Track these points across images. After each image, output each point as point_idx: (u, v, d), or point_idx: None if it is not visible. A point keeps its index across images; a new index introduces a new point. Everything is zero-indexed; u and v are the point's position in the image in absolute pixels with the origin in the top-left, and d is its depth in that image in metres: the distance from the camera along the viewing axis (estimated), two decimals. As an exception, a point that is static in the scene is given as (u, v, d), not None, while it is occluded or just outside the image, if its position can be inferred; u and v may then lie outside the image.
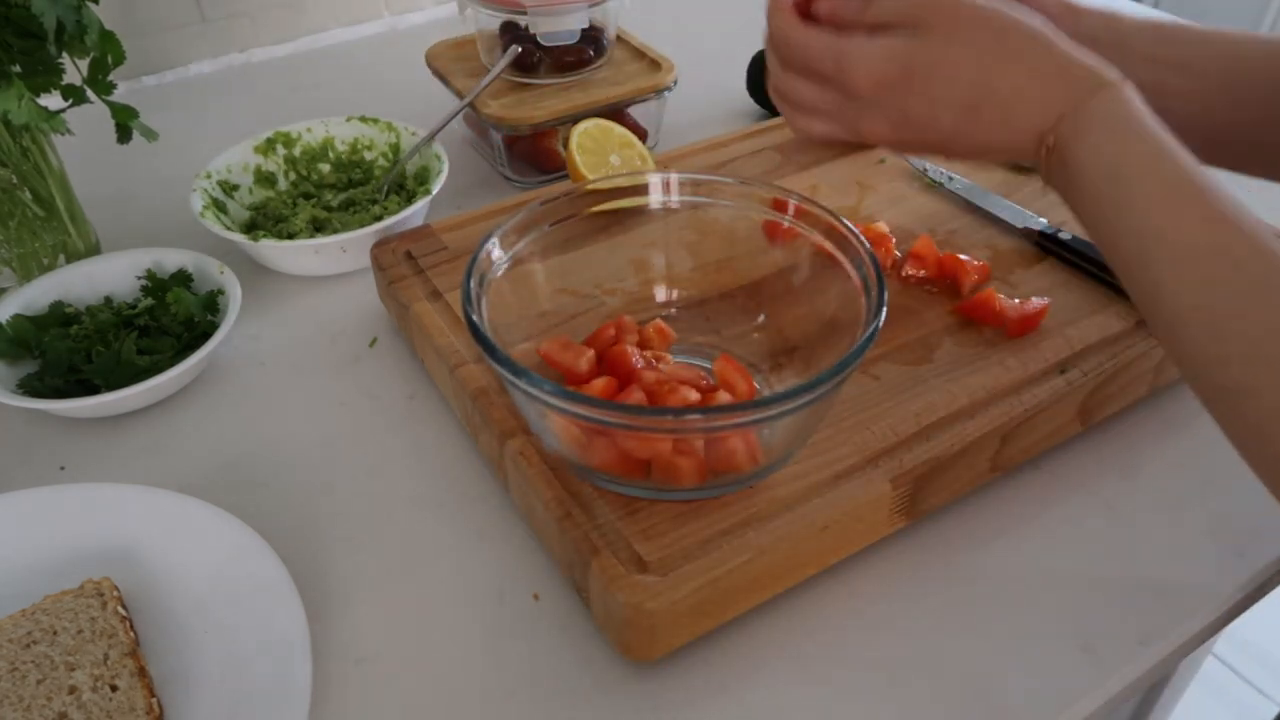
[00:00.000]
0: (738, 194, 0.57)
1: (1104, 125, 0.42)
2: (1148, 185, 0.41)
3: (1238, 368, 0.38)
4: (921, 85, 0.44)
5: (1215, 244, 0.39)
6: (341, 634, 0.49)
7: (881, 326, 0.46)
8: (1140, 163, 0.41)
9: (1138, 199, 0.41)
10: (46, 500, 0.53)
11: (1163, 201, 0.40)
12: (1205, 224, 0.39)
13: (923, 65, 0.44)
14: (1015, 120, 0.44)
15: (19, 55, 0.62)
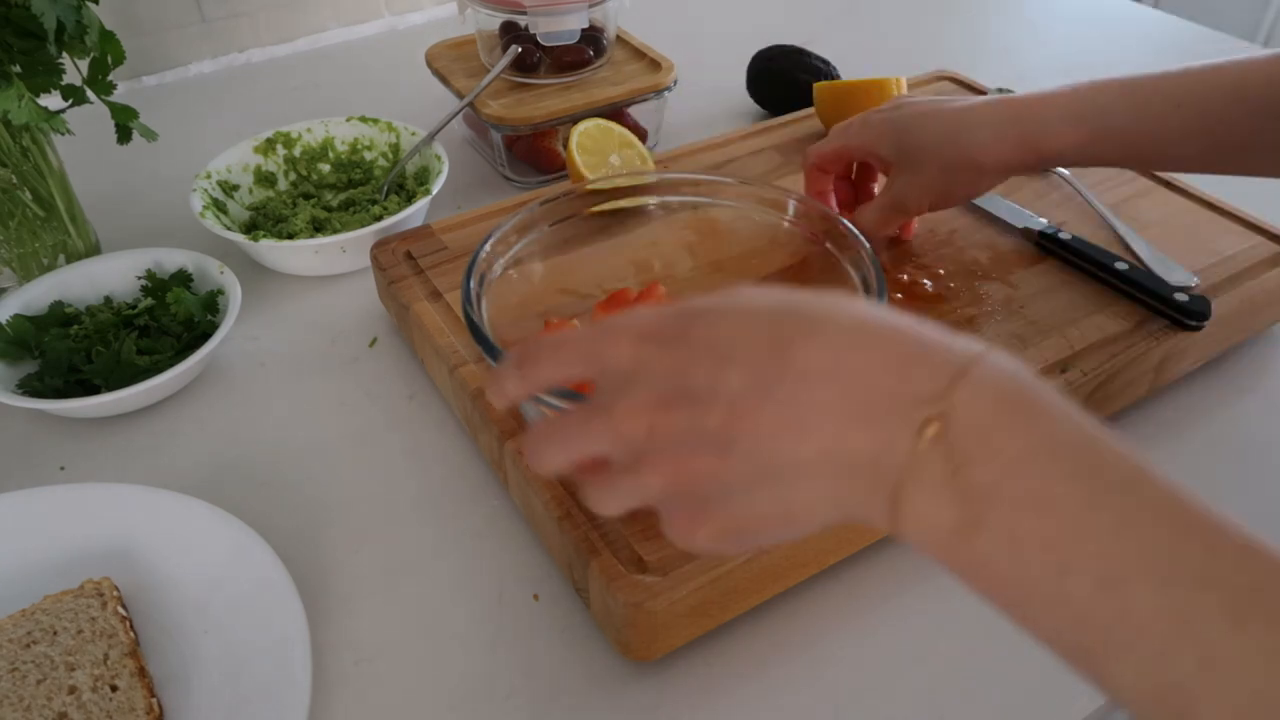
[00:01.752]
0: (739, 194, 0.57)
1: (1001, 407, 0.28)
2: (1147, 496, 0.27)
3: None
4: (705, 328, 0.32)
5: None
6: (341, 634, 0.49)
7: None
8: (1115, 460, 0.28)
9: (1146, 518, 0.27)
10: (46, 500, 0.53)
11: (1184, 521, 0.27)
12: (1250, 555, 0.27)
13: (704, 308, 0.33)
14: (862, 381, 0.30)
15: (19, 55, 0.62)
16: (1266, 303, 0.63)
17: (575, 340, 0.34)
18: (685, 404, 0.31)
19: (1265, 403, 0.63)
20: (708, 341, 0.31)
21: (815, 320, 0.30)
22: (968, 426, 0.27)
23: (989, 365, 0.29)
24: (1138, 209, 0.70)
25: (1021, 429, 0.27)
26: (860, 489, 0.29)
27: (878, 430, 0.29)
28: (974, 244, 0.67)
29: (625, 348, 0.33)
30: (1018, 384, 0.28)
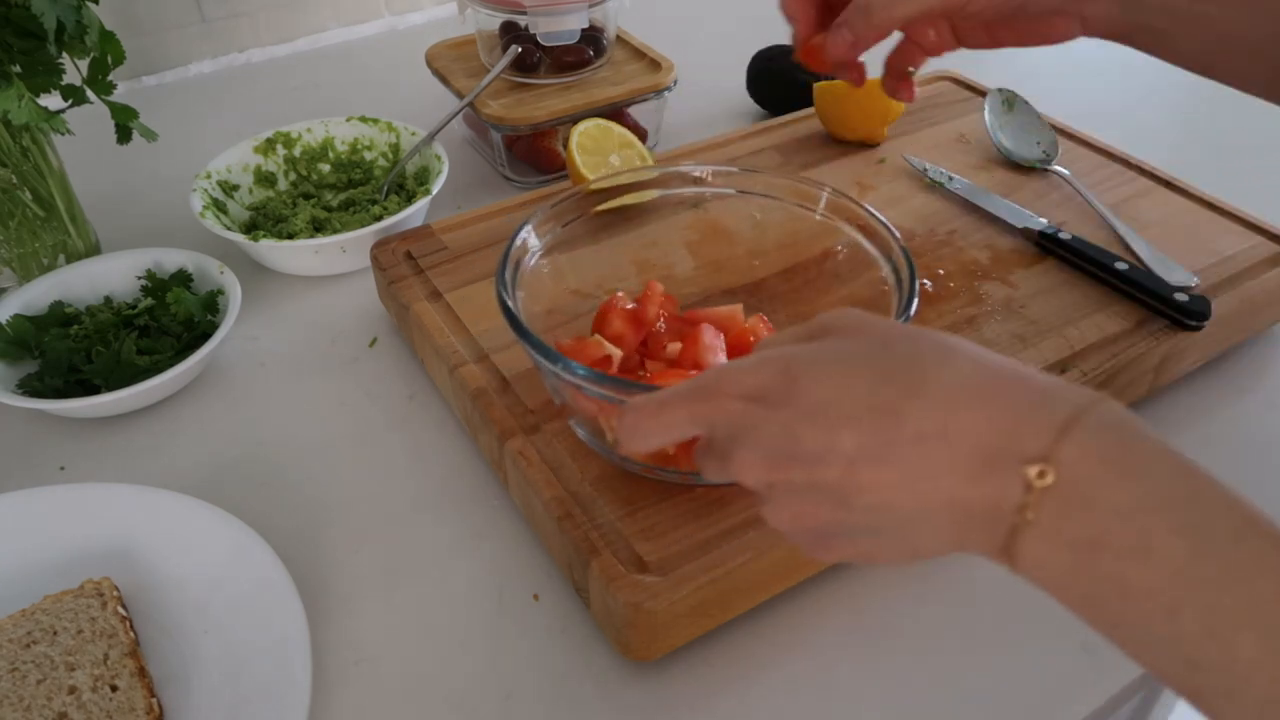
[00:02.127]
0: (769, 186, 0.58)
1: (1106, 460, 0.29)
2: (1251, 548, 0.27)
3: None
4: (809, 387, 0.33)
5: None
6: (341, 634, 0.49)
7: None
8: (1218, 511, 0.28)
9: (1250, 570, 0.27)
10: (46, 500, 0.53)
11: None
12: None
13: (806, 363, 0.33)
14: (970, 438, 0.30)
15: (19, 55, 0.62)
16: (1266, 303, 0.63)
17: (681, 400, 0.35)
18: (801, 464, 0.32)
19: (1265, 403, 0.63)
20: (815, 403, 0.32)
21: (917, 381, 0.31)
22: (1074, 480, 0.29)
23: (1095, 418, 0.29)
24: (1138, 209, 0.70)
25: (1126, 482, 0.28)
26: (978, 533, 0.31)
27: (991, 485, 0.30)
28: (974, 244, 0.67)
29: (733, 408, 0.34)
30: (1122, 436, 0.29)
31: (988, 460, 0.30)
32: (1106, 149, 0.77)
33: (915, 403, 0.31)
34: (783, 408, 0.33)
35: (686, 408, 0.35)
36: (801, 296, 0.58)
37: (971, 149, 0.78)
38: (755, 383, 0.34)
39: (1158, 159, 0.76)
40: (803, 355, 0.34)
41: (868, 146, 0.78)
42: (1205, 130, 0.95)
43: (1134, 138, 0.80)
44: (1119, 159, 0.76)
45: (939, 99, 0.85)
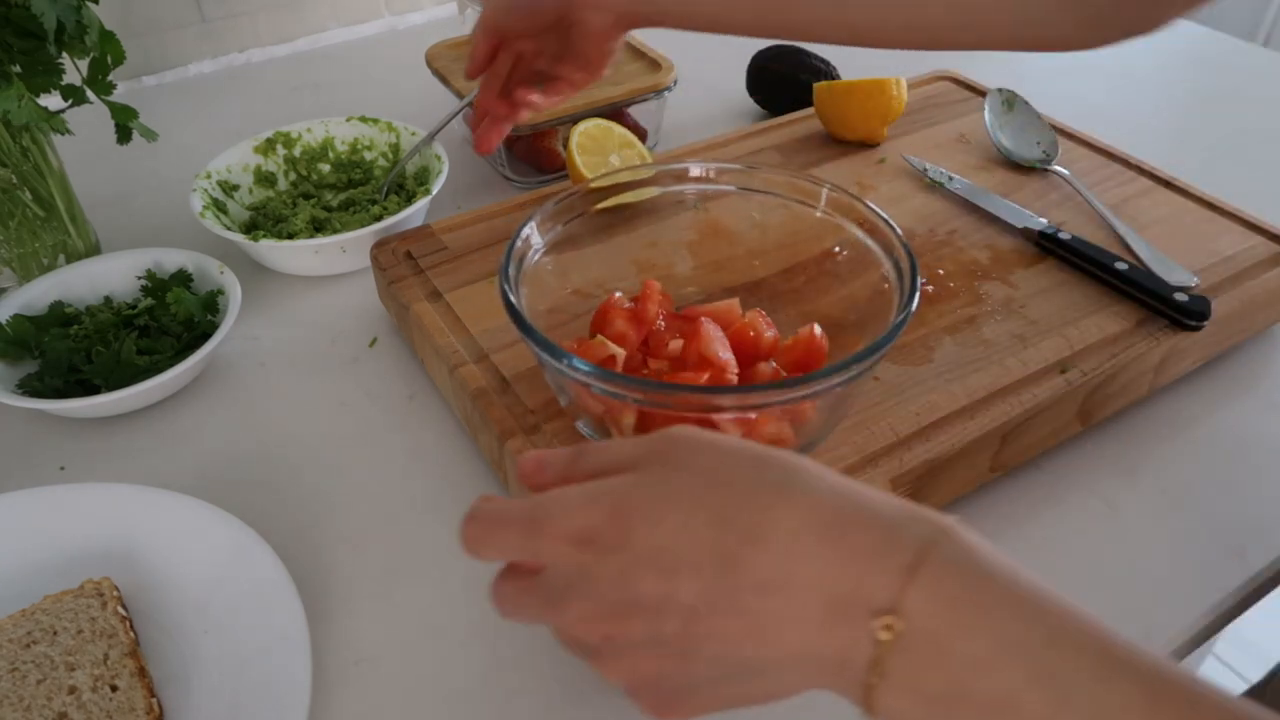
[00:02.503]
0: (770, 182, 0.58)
1: (955, 605, 0.28)
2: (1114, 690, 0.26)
3: None
4: (644, 532, 0.30)
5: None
6: (341, 634, 0.49)
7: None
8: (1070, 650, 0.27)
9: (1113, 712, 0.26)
10: (46, 500, 0.53)
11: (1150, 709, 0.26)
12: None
13: (637, 505, 0.31)
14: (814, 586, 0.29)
15: (19, 55, 0.62)
16: (1266, 303, 0.63)
17: (512, 529, 0.33)
18: (639, 615, 0.30)
19: (1265, 403, 0.63)
20: (650, 550, 0.30)
21: (758, 524, 0.29)
22: (925, 630, 0.27)
23: (940, 557, 0.28)
24: (1138, 209, 0.70)
25: (979, 629, 0.27)
26: (833, 681, 0.29)
27: (840, 637, 0.28)
28: (974, 244, 0.67)
29: (564, 550, 0.31)
30: (971, 575, 0.28)
31: (835, 611, 0.28)
32: (1106, 149, 0.77)
33: (756, 550, 0.29)
34: (616, 553, 0.30)
35: (518, 538, 0.33)
36: (802, 295, 0.58)
37: (971, 149, 0.78)
38: (585, 524, 0.31)
39: (1158, 159, 0.76)
40: (635, 495, 0.31)
41: (868, 146, 0.78)
42: (1205, 130, 0.95)
43: (1134, 138, 0.80)
44: (1119, 159, 0.76)
45: (939, 99, 0.85)
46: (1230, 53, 1.10)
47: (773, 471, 0.31)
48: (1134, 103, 0.99)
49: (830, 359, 0.54)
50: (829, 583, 0.28)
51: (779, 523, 0.29)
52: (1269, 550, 0.53)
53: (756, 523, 0.29)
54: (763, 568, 0.29)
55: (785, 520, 0.29)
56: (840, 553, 0.29)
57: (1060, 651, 0.26)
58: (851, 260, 0.55)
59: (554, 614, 0.32)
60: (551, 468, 0.35)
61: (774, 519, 0.29)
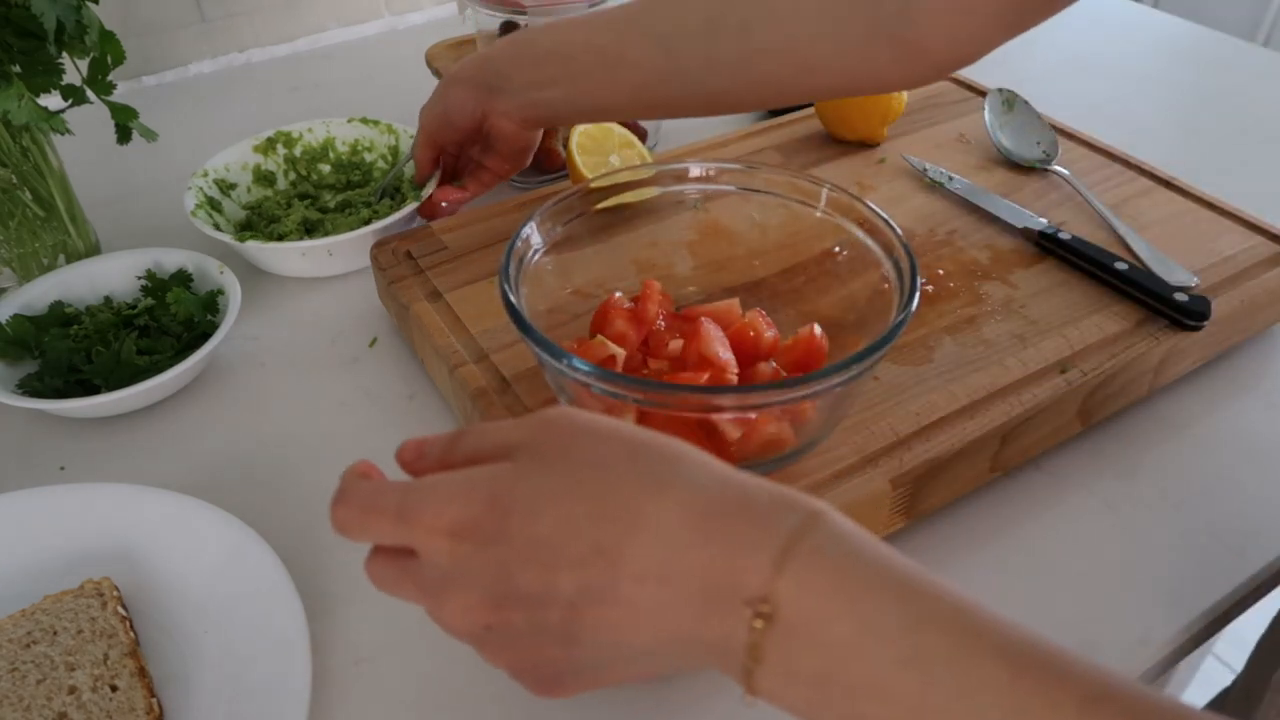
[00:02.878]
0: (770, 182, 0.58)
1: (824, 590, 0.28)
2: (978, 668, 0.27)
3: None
4: (522, 524, 0.31)
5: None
6: (341, 634, 0.49)
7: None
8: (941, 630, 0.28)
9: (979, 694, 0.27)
10: (46, 500, 0.53)
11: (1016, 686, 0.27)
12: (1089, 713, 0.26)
13: (516, 496, 0.31)
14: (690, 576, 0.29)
15: (19, 55, 0.62)
16: (1266, 303, 0.63)
17: (385, 517, 0.33)
18: (520, 606, 0.31)
19: (1265, 403, 0.63)
20: (528, 542, 0.31)
21: (636, 516, 0.30)
22: (796, 615, 0.28)
23: (811, 543, 0.29)
24: (1138, 209, 0.70)
25: (845, 614, 0.28)
26: (717, 663, 0.30)
27: (718, 624, 0.29)
28: (974, 244, 0.67)
29: (440, 542, 0.32)
30: (841, 560, 0.29)
31: (711, 599, 0.29)
32: (1106, 149, 0.77)
33: (635, 541, 0.30)
34: (495, 545, 0.31)
35: (391, 526, 0.33)
36: (802, 295, 0.58)
37: (971, 149, 0.78)
38: (461, 514, 0.31)
39: (1158, 159, 0.76)
40: (513, 486, 0.31)
41: (868, 146, 0.78)
42: (1205, 130, 0.95)
43: (1134, 138, 0.80)
44: (1119, 159, 0.76)
45: (939, 99, 0.85)
46: (1230, 53, 1.10)
47: (651, 461, 0.31)
48: (1134, 103, 0.99)
49: (830, 359, 0.54)
50: (704, 572, 0.29)
51: (656, 514, 0.30)
52: (1268, 550, 0.53)
53: (635, 514, 0.30)
54: (641, 559, 0.30)
55: (662, 511, 0.30)
56: (714, 543, 0.29)
57: (926, 633, 0.27)
58: (851, 260, 0.55)
59: (432, 603, 0.33)
60: (430, 454, 0.36)
61: (653, 510, 0.30)
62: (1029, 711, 0.26)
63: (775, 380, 0.52)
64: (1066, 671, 0.26)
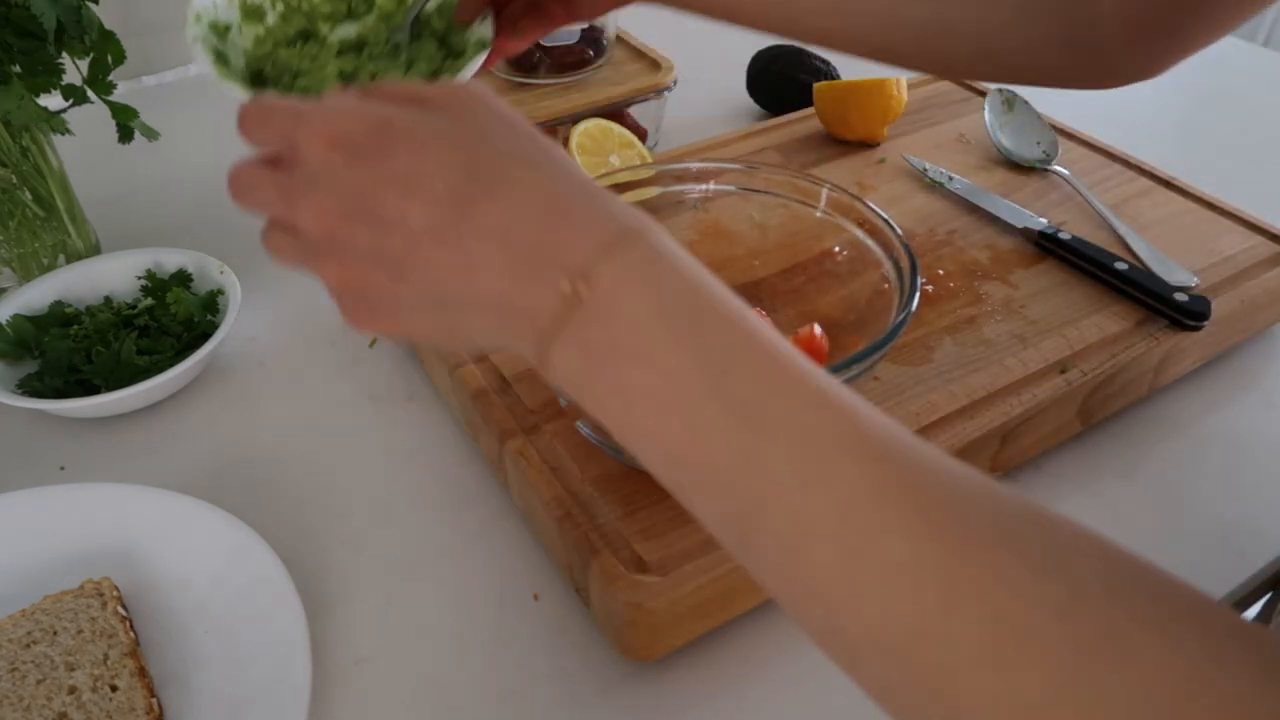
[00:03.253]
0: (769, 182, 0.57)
1: (634, 277, 0.31)
2: (744, 355, 0.30)
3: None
4: (399, 151, 0.33)
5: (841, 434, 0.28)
6: (341, 634, 0.49)
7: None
8: (722, 324, 0.30)
9: (738, 372, 0.29)
10: (46, 500, 0.53)
11: (771, 375, 0.29)
12: (821, 406, 0.29)
13: (405, 129, 0.33)
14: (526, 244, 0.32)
15: (19, 55, 0.62)
16: (1267, 303, 0.63)
17: (283, 115, 0.35)
18: (368, 224, 0.33)
19: (1265, 403, 0.63)
20: (400, 171, 0.33)
21: (501, 181, 0.33)
22: (603, 294, 0.31)
23: (643, 242, 0.31)
24: (1138, 209, 0.70)
25: (646, 298, 0.30)
26: (516, 331, 0.33)
27: (534, 290, 0.32)
28: (974, 244, 0.67)
29: (318, 147, 0.33)
30: (661, 262, 0.31)
31: (536, 267, 0.31)
32: (1106, 149, 0.77)
33: (490, 200, 0.32)
34: (367, 163, 0.33)
35: (285, 122, 0.34)
36: (802, 295, 0.58)
37: (971, 149, 0.78)
38: (347, 129, 0.33)
39: (1158, 159, 0.76)
40: (404, 120, 0.33)
41: (868, 146, 0.78)
42: (1205, 130, 0.95)
43: (1134, 138, 0.80)
44: (1119, 159, 0.76)
45: (939, 99, 0.85)
46: (1230, 53, 1.10)
47: (533, 146, 0.34)
48: (1134, 103, 0.99)
49: (830, 359, 0.54)
50: (539, 242, 0.32)
51: (520, 182, 0.33)
52: (1268, 550, 0.53)
53: (500, 179, 0.33)
54: (489, 216, 0.32)
55: (525, 183, 0.33)
56: (558, 220, 0.32)
57: (705, 319, 0.30)
58: (851, 260, 0.55)
59: (285, 204, 0.34)
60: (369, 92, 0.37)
61: (517, 178, 0.33)
62: (764, 398, 0.29)
63: None
64: (807, 381, 0.29)
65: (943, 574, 0.26)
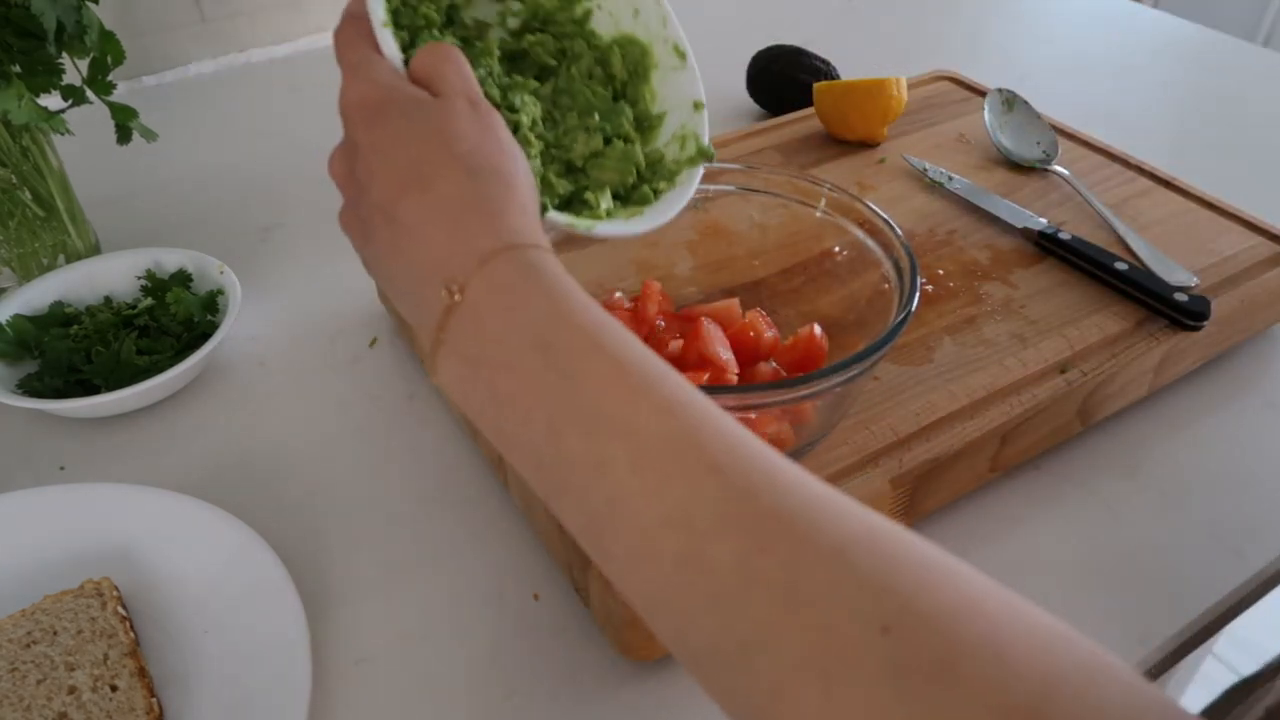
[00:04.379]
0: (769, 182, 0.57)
1: (503, 289, 0.33)
2: (593, 363, 0.31)
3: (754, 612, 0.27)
4: (388, 130, 0.37)
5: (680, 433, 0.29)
6: (341, 634, 0.49)
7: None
8: (576, 334, 0.32)
9: (587, 380, 0.30)
10: (46, 500, 0.53)
11: (617, 384, 0.30)
12: (664, 414, 0.30)
13: (402, 107, 0.37)
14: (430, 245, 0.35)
15: (19, 55, 0.62)
16: (1266, 303, 0.63)
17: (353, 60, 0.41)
18: (354, 180, 0.38)
19: (1265, 403, 0.63)
20: (379, 144, 0.37)
21: (438, 178, 0.35)
22: (474, 305, 0.33)
23: (519, 256, 0.34)
24: (1138, 209, 0.70)
25: (509, 308, 0.32)
26: (420, 330, 0.35)
27: (425, 295, 0.34)
28: (974, 244, 0.67)
29: (348, 98, 0.40)
30: (531, 274, 0.33)
31: (431, 272, 0.34)
32: (1106, 149, 0.77)
33: (422, 194, 0.35)
34: (365, 128, 0.38)
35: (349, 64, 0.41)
36: (802, 296, 0.58)
37: (971, 149, 0.78)
38: (367, 93, 0.39)
39: (1158, 159, 0.76)
40: (406, 98, 0.38)
41: (868, 146, 0.78)
42: (1205, 130, 0.95)
43: (1134, 138, 0.80)
44: (1119, 159, 0.76)
45: (939, 99, 0.85)
46: (1230, 53, 1.10)
47: (488, 159, 0.36)
48: (1134, 103, 0.99)
49: (830, 359, 0.54)
50: (436, 247, 0.34)
51: (447, 187, 0.35)
52: (1268, 550, 0.53)
53: (438, 178, 0.35)
54: (417, 208, 0.35)
55: (451, 189, 0.35)
56: (457, 228, 0.34)
57: (561, 328, 0.32)
58: (851, 260, 0.55)
59: (337, 148, 0.40)
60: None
61: (448, 182, 0.35)
62: (615, 404, 0.30)
63: (775, 380, 0.52)
64: (661, 383, 0.30)
65: (770, 585, 0.26)
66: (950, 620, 0.24)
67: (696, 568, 0.27)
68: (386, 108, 0.37)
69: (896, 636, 0.24)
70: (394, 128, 0.37)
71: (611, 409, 0.30)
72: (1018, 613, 0.25)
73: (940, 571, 0.26)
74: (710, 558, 0.27)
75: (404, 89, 0.38)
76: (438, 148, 0.36)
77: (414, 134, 0.36)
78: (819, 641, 0.25)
